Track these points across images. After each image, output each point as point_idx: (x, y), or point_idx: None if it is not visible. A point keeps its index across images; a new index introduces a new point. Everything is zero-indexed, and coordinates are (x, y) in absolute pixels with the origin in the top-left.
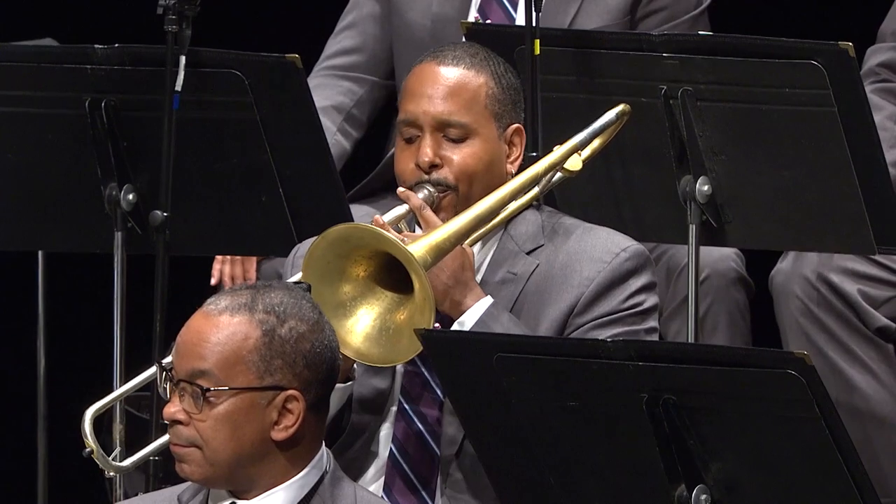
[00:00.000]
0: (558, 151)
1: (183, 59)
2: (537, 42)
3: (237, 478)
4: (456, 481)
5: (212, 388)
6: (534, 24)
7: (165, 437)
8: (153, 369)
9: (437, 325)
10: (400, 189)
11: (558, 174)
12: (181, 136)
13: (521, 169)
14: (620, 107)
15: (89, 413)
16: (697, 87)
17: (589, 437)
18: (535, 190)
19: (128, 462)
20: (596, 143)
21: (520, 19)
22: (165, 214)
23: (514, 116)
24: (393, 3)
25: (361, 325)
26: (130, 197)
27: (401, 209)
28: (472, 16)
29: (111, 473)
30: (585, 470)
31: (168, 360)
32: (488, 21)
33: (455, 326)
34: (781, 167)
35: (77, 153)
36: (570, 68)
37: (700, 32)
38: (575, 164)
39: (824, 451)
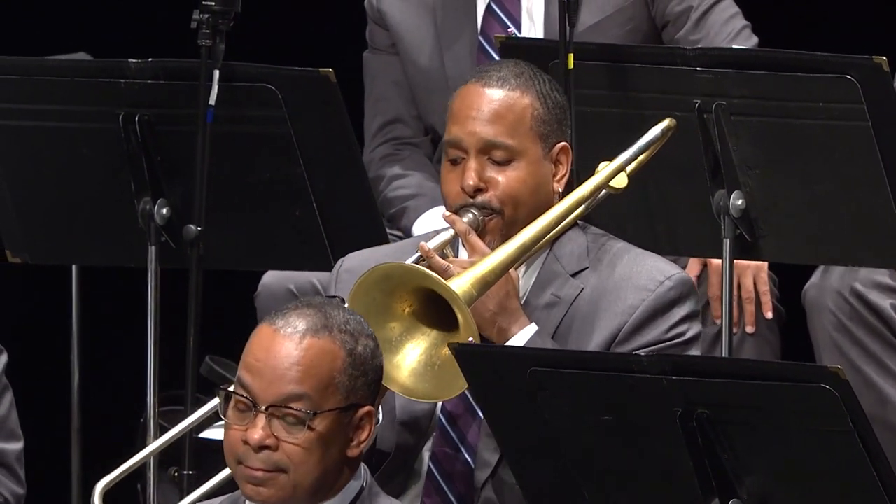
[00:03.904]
0: (604, 172)
1: (217, 73)
2: (571, 56)
3: (309, 498)
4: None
5: (316, 413)
6: (567, 38)
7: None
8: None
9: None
10: (445, 213)
11: (603, 191)
12: (215, 150)
13: (567, 188)
14: (666, 122)
15: (99, 487)
16: (731, 101)
17: (623, 451)
18: (580, 209)
19: None
20: (640, 157)
21: (525, 33)
22: (199, 229)
23: (560, 135)
24: (402, 54)
25: (408, 360)
26: (164, 211)
27: (446, 234)
28: (477, 39)
29: None
30: (619, 484)
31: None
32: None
33: None
34: (815, 181)
35: (111, 167)
36: (604, 83)
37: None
38: (621, 181)
39: (858, 465)
